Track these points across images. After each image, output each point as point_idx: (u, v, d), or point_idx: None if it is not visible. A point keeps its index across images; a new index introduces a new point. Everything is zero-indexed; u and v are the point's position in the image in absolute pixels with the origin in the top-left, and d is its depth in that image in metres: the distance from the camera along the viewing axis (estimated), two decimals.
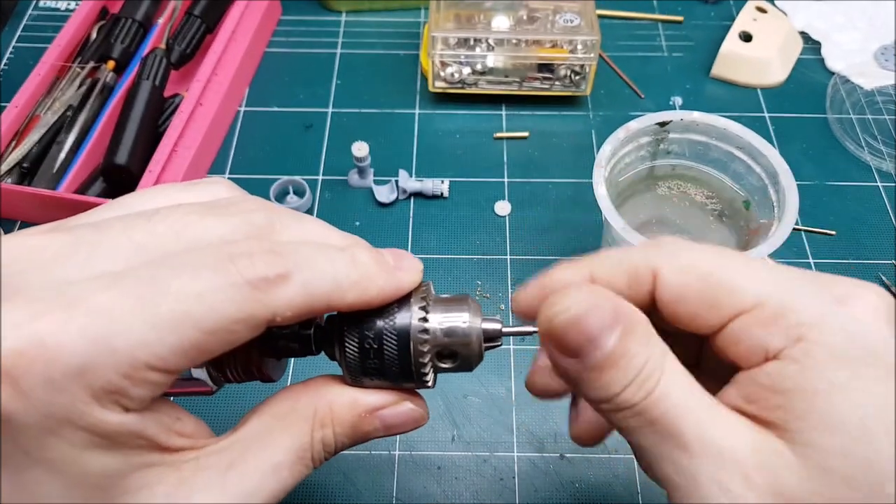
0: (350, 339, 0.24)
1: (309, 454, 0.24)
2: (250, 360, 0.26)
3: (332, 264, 0.23)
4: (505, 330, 0.26)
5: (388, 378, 0.25)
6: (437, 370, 0.25)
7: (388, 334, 0.24)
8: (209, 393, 0.26)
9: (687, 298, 0.23)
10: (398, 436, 0.42)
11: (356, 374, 0.25)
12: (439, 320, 0.24)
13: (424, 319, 0.24)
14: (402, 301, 0.25)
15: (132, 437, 0.20)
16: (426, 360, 0.24)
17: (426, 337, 0.24)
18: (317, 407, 0.24)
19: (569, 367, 0.22)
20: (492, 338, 0.25)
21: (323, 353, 0.26)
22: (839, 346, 0.21)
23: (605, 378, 0.21)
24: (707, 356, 0.27)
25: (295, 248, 0.22)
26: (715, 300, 0.22)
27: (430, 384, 0.25)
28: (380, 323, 0.24)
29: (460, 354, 0.25)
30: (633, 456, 0.42)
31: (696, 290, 0.23)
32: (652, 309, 0.24)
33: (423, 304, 0.25)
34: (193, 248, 0.21)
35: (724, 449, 0.20)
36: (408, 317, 0.24)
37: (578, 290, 0.22)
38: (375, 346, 0.24)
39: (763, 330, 0.21)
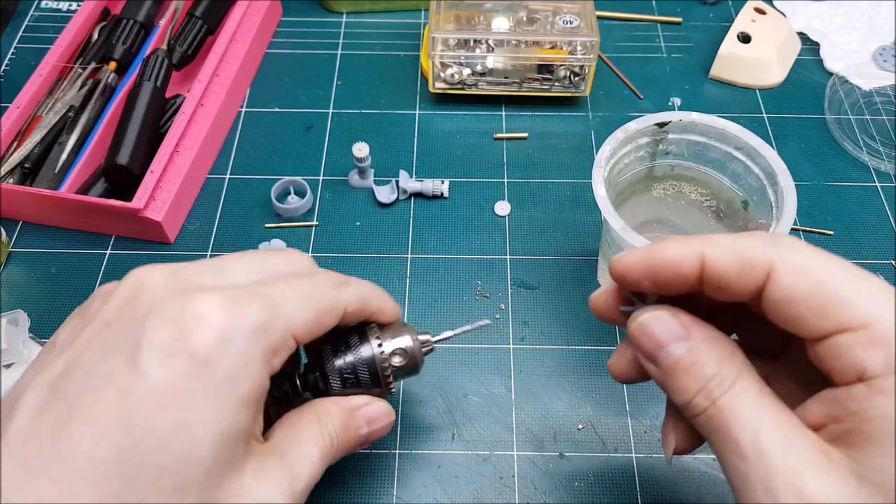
0: (332, 377, 0.33)
1: (326, 446, 0.31)
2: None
3: (369, 285, 0.34)
4: (433, 340, 0.36)
5: (364, 391, 0.34)
6: (396, 379, 0.35)
7: (361, 365, 0.34)
8: None
9: (796, 301, 0.23)
10: (399, 436, 0.43)
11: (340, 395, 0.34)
12: (391, 346, 0.34)
13: (381, 346, 0.34)
14: (362, 338, 0.34)
15: (259, 402, 0.28)
16: (389, 375, 0.34)
17: (385, 361, 0.34)
18: (318, 412, 0.32)
19: (651, 371, 0.27)
20: (427, 347, 0.36)
21: (308, 394, 0.34)
22: None
23: (679, 383, 0.25)
24: (791, 351, 0.28)
25: (348, 276, 0.34)
26: (824, 310, 0.23)
27: (393, 390, 0.35)
28: (351, 359, 0.34)
29: (409, 364, 0.35)
30: (633, 455, 0.42)
31: (806, 295, 0.23)
32: (755, 301, 0.25)
33: (378, 336, 0.34)
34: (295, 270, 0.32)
35: (775, 462, 0.23)
36: (370, 348, 0.34)
37: (659, 308, 0.26)
38: (353, 376, 0.34)
39: (865, 352, 0.22)
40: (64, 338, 0.28)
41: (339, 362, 0.33)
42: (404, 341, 0.35)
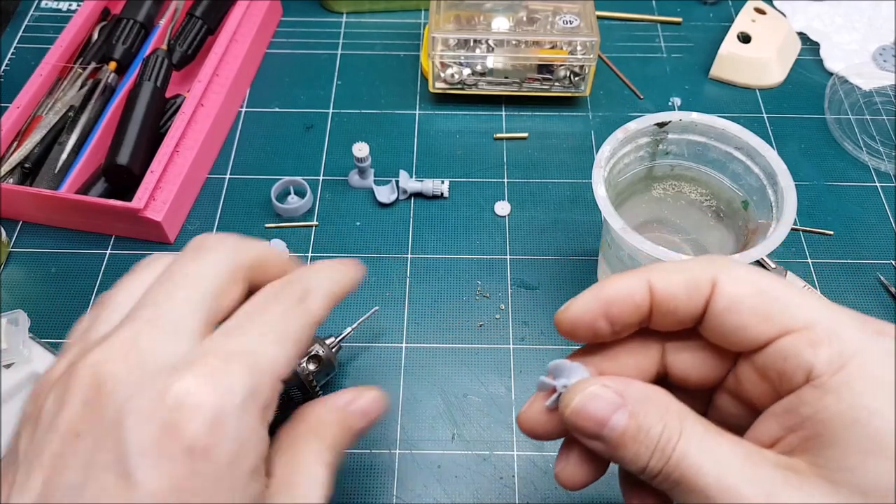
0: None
1: (328, 460, 0.29)
2: None
3: (326, 268, 0.30)
4: (337, 339, 0.42)
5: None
6: (318, 382, 0.41)
7: (290, 387, 0.39)
8: None
9: (741, 308, 0.24)
10: (399, 436, 0.43)
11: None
12: (305, 357, 0.40)
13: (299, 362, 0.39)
14: None
15: (264, 459, 0.26)
16: (313, 381, 0.40)
17: (305, 371, 0.40)
18: (311, 425, 0.30)
19: (597, 448, 0.25)
20: (335, 347, 0.42)
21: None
22: (880, 375, 0.22)
23: (630, 453, 0.24)
24: (715, 407, 0.28)
25: (302, 277, 0.29)
26: (769, 314, 0.24)
27: (320, 393, 0.41)
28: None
29: (326, 367, 0.41)
30: None
31: (751, 302, 0.24)
32: (698, 326, 0.25)
33: None
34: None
35: (747, 493, 0.22)
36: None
37: (586, 383, 0.25)
38: (285, 397, 0.39)
39: (812, 349, 0.23)
40: (25, 448, 0.25)
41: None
42: (314, 349, 0.40)
